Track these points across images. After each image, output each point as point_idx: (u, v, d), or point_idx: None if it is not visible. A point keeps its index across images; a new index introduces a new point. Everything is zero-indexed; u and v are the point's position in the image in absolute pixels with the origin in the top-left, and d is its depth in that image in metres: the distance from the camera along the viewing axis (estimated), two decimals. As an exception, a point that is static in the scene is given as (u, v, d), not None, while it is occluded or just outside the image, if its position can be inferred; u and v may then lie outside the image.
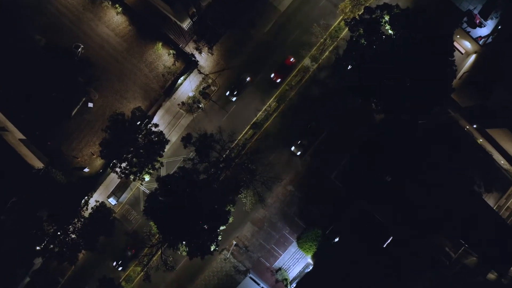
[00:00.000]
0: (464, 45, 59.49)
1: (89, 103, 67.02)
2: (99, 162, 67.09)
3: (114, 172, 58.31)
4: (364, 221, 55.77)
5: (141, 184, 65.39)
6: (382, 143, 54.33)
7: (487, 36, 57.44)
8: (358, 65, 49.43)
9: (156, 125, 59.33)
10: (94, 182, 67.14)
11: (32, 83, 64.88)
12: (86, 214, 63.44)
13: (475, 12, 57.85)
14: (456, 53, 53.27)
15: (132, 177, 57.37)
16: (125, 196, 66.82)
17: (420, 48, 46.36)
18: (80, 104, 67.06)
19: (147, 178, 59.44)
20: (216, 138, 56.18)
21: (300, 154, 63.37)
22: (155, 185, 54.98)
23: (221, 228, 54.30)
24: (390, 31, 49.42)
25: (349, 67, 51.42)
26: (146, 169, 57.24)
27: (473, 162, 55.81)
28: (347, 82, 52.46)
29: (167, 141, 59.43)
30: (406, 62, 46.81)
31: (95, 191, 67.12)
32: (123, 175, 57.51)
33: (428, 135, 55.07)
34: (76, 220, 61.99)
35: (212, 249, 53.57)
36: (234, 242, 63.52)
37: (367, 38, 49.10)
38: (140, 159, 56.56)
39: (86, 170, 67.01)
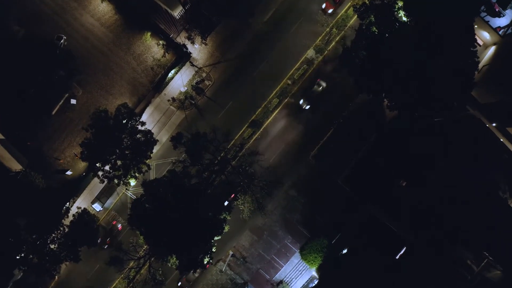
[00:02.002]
0: (482, 36, 56.88)
1: (72, 100, 64.95)
2: (82, 164, 64.93)
3: (96, 176, 56.54)
4: (375, 230, 54.24)
5: (126, 189, 63.70)
6: (395, 143, 52.83)
7: (507, 26, 54.84)
8: (368, 56, 47.80)
9: (143, 123, 57.54)
10: (77, 186, 65.32)
11: (10, 78, 62.78)
12: (67, 222, 61.43)
13: (493, 0, 55.31)
14: (473, 45, 53.36)
15: (116, 181, 55.50)
16: (111, 201, 65.04)
17: (437, 37, 44.18)
18: (63, 100, 64.91)
19: (133, 182, 57.66)
20: (209, 138, 54.66)
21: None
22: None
23: (216, 238, 52.53)
24: (404, 18, 47.74)
25: (358, 58, 49.34)
26: (132, 173, 55.23)
27: (497, 164, 52.34)
28: (356, 75, 50.77)
29: (155, 141, 57.46)
30: (422, 53, 44.55)
31: (78, 196, 65.18)
32: (105, 179, 55.56)
33: (445, 135, 52.63)
34: (56, 229, 59.81)
35: (205, 262, 52.05)
36: (231, 253, 62.07)
37: (378, 26, 47.12)
38: (125, 161, 54.64)
39: (69, 173, 64.93)
